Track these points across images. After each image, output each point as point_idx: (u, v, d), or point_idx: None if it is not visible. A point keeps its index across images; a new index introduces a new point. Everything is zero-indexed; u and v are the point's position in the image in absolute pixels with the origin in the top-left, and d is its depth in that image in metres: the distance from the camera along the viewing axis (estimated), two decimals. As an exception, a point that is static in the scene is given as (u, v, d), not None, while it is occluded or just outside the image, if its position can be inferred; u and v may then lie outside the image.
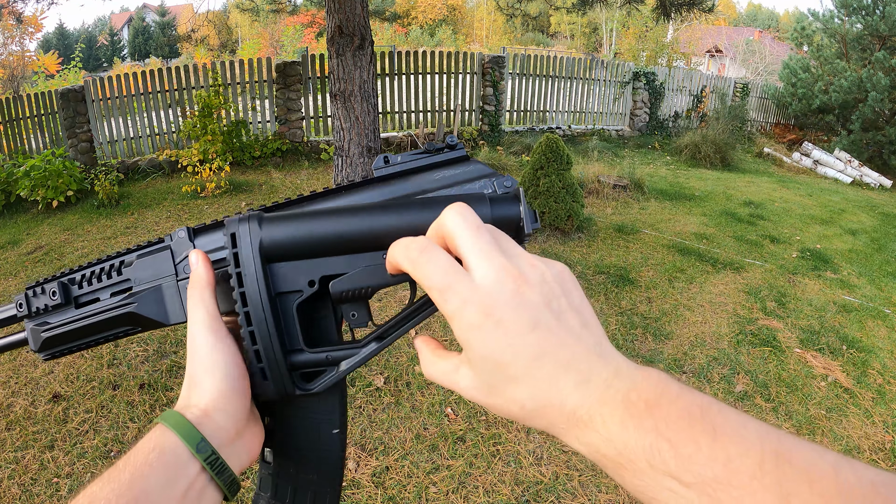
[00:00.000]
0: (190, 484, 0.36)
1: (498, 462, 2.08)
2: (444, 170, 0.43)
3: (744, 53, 22.81)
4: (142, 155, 6.94)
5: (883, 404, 2.66)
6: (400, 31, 36.02)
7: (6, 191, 5.69)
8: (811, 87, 10.63)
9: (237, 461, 0.40)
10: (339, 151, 3.98)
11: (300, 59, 7.15)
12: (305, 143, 7.22)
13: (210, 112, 6.01)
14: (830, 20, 10.47)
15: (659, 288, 3.72)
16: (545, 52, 12.45)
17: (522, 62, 8.50)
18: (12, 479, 2.04)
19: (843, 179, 9.15)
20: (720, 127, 9.05)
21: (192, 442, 0.37)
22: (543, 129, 8.78)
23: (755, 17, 50.72)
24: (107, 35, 41.32)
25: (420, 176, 0.43)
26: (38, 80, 12.38)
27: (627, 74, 9.69)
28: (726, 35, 27.26)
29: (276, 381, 0.42)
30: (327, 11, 3.74)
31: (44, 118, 6.84)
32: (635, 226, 5.01)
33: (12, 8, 7.32)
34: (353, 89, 3.81)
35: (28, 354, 2.86)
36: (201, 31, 8.19)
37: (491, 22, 41.97)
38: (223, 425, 0.39)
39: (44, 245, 4.53)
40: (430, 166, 0.43)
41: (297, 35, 25.28)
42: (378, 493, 1.92)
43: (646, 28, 16.17)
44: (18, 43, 13.34)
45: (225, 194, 5.56)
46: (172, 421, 0.38)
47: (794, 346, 3.13)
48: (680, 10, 6.23)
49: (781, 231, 5.36)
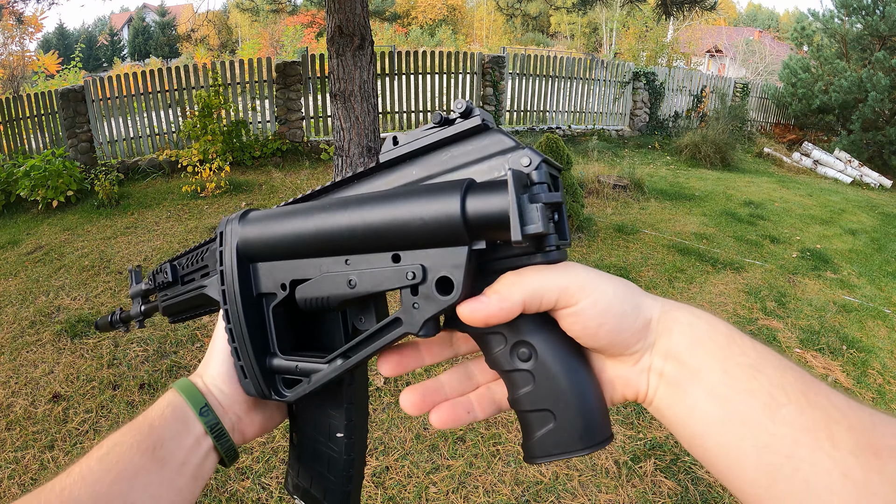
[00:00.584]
0: (196, 440, 0.41)
1: (498, 462, 2.08)
2: (457, 145, 0.35)
3: (744, 53, 22.81)
4: (142, 155, 6.94)
5: (883, 404, 2.66)
6: (400, 31, 36.03)
7: (6, 191, 5.69)
8: (811, 87, 10.62)
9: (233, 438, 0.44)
10: (339, 151, 3.98)
11: (300, 59, 7.14)
12: (305, 143, 7.22)
13: (210, 112, 6.01)
14: (830, 20, 10.46)
15: (659, 288, 3.72)
16: (545, 52, 12.45)
17: (522, 62, 8.50)
18: (12, 479, 2.04)
19: (843, 179, 9.15)
20: (720, 127, 9.05)
21: (196, 406, 0.42)
22: (543, 129, 8.79)
23: (755, 17, 50.71)
24: (107, 35, 41.32)
25: (427, 157, 0.36)
26: (38, 80, 12.39)
27: (627, 74, 9.69)
28: (726, 35, 27.26)
29: (252, 381, 0.43)
30: (327, 11, 3.74)
31: (44, 118, 6.84)
32: (635, 226, 5.01)
33: (12, 8, 7.32)
34: (353, 89, 3.82)
35: (28, 354, 2.86)
36: (201, 31, 8.18)
37: (491, 22, 41.97)
38: (222, 402, 0.44)
39: (44, 245, 4.53)
40: (440, 143, 0.36)
41: (297, 35, 25.28)
42: (378, 493, 1.92)
43: (646, 28, 16.15)
44: (18, 43, 13.35)
45: (225, 194, 5.56)
46: (182, 385, 0.44)
47: (794, 346, 3.13)
48: (681, 9, 6.22)
49: (781, 231, 5.36)
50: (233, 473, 1.99)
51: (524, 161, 0.31)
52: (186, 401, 0.42)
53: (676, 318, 0.33)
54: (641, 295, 0.34)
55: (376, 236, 0.35)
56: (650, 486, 1.98)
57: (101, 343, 2.94)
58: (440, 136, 0.35)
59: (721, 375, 0.30)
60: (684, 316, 0.33)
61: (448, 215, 0.31)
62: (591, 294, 0.32)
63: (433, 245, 0.33)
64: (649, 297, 0.34)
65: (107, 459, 0.37)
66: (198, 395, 0.43)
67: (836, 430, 0.26)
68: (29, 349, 2.91)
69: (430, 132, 0.36)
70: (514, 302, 0.32)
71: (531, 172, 0.31)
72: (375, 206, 0.35)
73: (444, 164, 0.35)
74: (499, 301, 0.32)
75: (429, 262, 0.33)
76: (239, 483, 1.95)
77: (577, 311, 0.32)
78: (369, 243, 0.35)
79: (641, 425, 2.30)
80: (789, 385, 0.28)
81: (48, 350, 2.89)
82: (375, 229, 0.34)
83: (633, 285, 0.35)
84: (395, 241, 0.34)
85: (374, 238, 0.35)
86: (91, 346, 2.91)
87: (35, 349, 2.91)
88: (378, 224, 0.34)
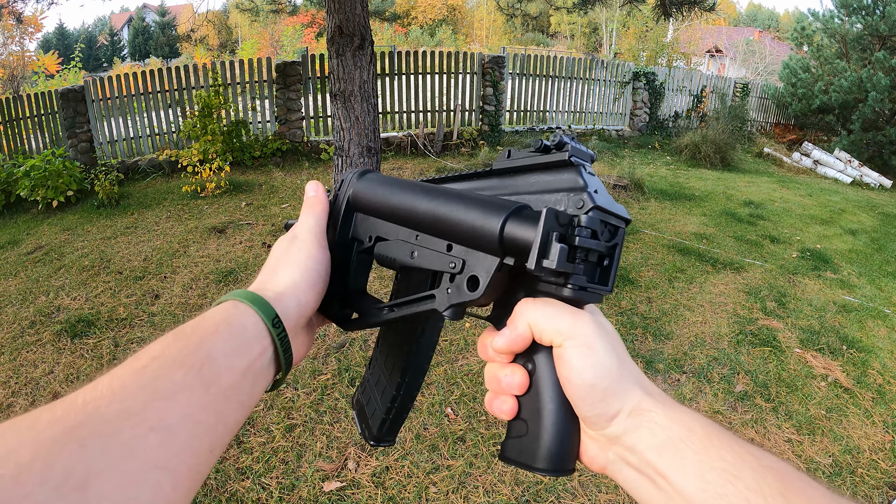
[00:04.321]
0: (253, 361, 0.36)
1: (498, 462, 2.08)
2: (544, 173, 0.39)
3: (744, 53, 22.81)
4: (142, 155, 6.94)
5: (883, 404, 2.66)
6: (400, 31, 36.02)
7: (6, 191, 5.69)
8: (811, 87, 10.62)
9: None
10: (339, 151, 3.98)
11: (300, 59, 7.14)
12: (305, 143, 7.21)
13: (210, 112, 6.01)
14: (830, 20, 10.46)
15: (659, 288, 3.72)
16: (545, 52, 12.45)
17: (522, 62, 8.49)
18: (12, 479, 2.04)
19: (843, 179, 9.15)
20: (720, 127, 9.04)
21: (268, 316, 0.38)
22: (543, 129, 8.79)
23: (755, 17, 50.70)
24: (107, 35, 41.31)
25: (522, 177, 0.41)
26: (38, 80, 12.38)
27: (627, 74, 9.68)
28: (726, 35, 27.26)
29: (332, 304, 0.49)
30: (327, 11, 3.74)
31: (44, 118, 6.84)
32: (635, 226, 5.01)
33: (12, 8, 7.32)
34: (353, 89, 3.81)
35: (28, 354, 2.86)
36: (201, 31, 8.18)
37: (491, 22, 41.96)
38: (291, 312, 0.41)
39: (44, 245, 4.53)
40: (531, 167, 0.40)
41: (297, 35, 25.27)
42: (378, 493, 1.92)
43: (646, 28, 16.15)
44: (18, 43, 13.35)
45: (225, 194, 5.56)
46: (249, 297, 0.39)
47: (794, 346, 3.13)
48: (681, 9, 6.22)
49: (781, 231, 5.36)
50: (233, 473, 1.99)
51: (579, 203, 0.35)
52: (258, 312, 0.38)
53: (651, 418, 0.33)
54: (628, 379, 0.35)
55: (439, 224, 0.41)
56: (650, 486, 1.98)
57: (101, 343, 2.94)
58: (532, 161, 0.40)
59: (696, 481, 0.30)
60: (660, 417, 0.33)
61: (490, 229, 0.36)
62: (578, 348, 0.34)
63: (476, 247, 0.38)
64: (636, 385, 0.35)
65: (144, 374, 0.31)
66: (269, 306, 0.39)
67: None
68: (29, 349, 2.91)
69: (531, 155, 0.40)
70: (522, 331, 0.36)
71: (580, 216, 0.34)
72: (448, 202, 0.41)
73: (530, 185, 0.40)
74: (511, 332, 0.37)
75: (470, 260, 0.39)
76: (239, 483, 1.95)
77: (559, 354, 0.35)
78: (434, 228, 0.42)
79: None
80: (768, 487, 0.29)
81: (48, 350, 2.89)
82: (440, 218, 0.41)
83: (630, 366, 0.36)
84: (450, 234, 0.40)
85: (437, 225, 0.41)
86: (91, 346, 2.91)
87: (35, 349, 2.91)
88: (443, 216, 0.41)
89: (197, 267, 3.85)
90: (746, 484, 0.29)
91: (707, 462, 0.30)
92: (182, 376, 0.31)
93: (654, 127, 10.11)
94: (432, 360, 2.76)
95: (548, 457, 0.35)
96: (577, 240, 0.33)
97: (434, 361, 2.71)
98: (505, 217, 0.35)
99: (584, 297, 0.35)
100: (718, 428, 0.32)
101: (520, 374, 0.37)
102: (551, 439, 0.35)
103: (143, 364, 0.32)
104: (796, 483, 0.29)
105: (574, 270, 0.34)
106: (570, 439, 0.36)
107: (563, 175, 0.37)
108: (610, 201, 0.36)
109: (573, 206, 0.35)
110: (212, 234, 4.50)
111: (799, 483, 0.29)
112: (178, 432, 0.29)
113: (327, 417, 2.31)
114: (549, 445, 0.35)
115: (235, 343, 0.36)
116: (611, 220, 0.36)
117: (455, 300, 0.39)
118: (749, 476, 0.29)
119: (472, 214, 0.38)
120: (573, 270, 0.34)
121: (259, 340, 0.37)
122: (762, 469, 0.30)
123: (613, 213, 0.36)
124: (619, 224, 0.36)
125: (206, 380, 0.32)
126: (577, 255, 0.34)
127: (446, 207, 0.40)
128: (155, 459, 0.28)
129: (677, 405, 0.34)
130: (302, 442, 2.17)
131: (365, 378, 0.55)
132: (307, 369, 2.62)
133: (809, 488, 0.29)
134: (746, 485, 0.29)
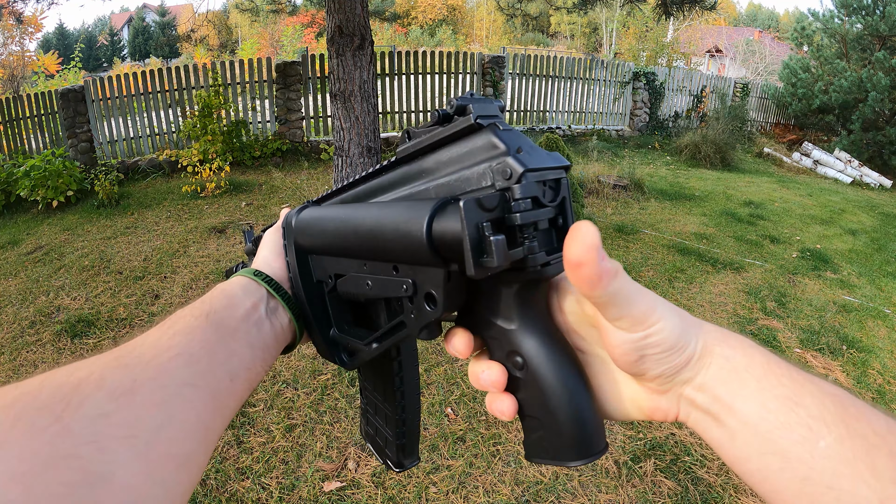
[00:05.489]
0: (248, 310, 0.43)
1: (498, 462, 2.08)
2: (453, 146, 0.34)
3: (744, 53, 22.82)
4: (142, 155, 6.94)
5: (883, 404, 2.66)
6: (400, 31, 36.03)
7: (6, 191, 5.69)
8: (811, 87, 10.62)
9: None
10: (339, 151, 3.98)
11: (300, 59, 7.14)
12: (305, 143, 7.21)
13: (210, 112, 6.01)
14: (830, 20, 10.46)
15: (659, 288, 3.72)
16: (545, 52, 12.45)
17: (522, 62, 8.49)
18: (12, 479, 2.04)
19: (843, 179, 9.15)
20: (720, 127, 9.04)
21: (248, 273, 0.47)
22: (543, 129, 8.79)
23: (755, 17, 50.72)
24: (107, 35, 41.32)
25: (431, 156, 0.36)
26: (38, 80, 12.38)
27: (627, 74, 9.68)
28: (726, 35, 27.26)
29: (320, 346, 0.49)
30: (327, 11, 3.74)
31: (44, 118, 6.84)
32: (635, 226, 5.01)
33: (12, 8, 7.32)
34: (353, 89, 3.81)
35: (28, 354, 2.86)
36: (201, 31, 8.18)
37: (491, 22, 41.97)
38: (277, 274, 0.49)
39: (44, 245, 4.53)
40: (440, 142, 0.34)
41: (297, 35, 25.28)
42: (378, 493, 1.92)
43: (646, 28, 16.16)
44: (18, 43, 13.35)
45: (225, 194, 5.56)
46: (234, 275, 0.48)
47: (794, 347, 3.13)
48: (681, 9, 6.22)
49: (781, 231, 5.36)
50: (233, 473, 1.99)
51: (506, 173, 0.29)
52: (244, 274, 0.46)
53: (715, 352, 0.32)
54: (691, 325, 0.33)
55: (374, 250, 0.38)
56: (650, 486, 1.98)
57: (101, 343, 2.94)
58: (435, 137, 0.34)
59: (758, 409, 0.29)
60: (722, 349, 0.32)
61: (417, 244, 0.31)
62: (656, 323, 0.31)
63: (416, 263, 0.34)
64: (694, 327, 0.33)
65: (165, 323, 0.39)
66: (250, 269, 0.47)
67: (877, 457, 0.26)
68: (29, 349, 2.91)
69: (432, 129, 0.35)
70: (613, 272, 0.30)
71: (511, 187, 0.29)
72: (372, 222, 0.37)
73: (443, 165, 0.34)
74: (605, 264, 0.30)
75: (418, 277, 0.35)
76: (239, 483, 1.95)
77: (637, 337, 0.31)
78: (372, 254, 0.38)
79: (641, 425, 2.30)
80: (828, 414, 0.28)
81: (48, 350, 2.89)
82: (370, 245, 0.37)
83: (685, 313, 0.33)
84: (388, 256, 0.36)
85: (373, 252, 0.38)
86: (91, 346, 2.91)
87: (35, 349, 2.91)
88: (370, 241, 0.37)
89: (197, 267, 3.85)
90: (808, 411, 0.28)
91: (769, 389, 0.30)
92: (194, 319, 0.39)
93: (654, 127, 10.11)
94: (432, 361, 2.77)
95: (574, 447, 0.33)
96: (517, 217, 0.28)
97: (434, 361, 2.71)
98: (427, 224, 0.30)
99: (551, 271, 0.31)
100: (776, 356, 0.32)
101: (496, 369, 0.35)
102: (571, 428, 0.33)
103: (161, 321, 0.40)
104: (856, 409, 0.29)
105: (526, 252, 0.29)
106: (590, 420, 0.33)
107: (475, 142, 0.31)
108: (540, 154, 0.30)
109: (500, 178, 0.29)
110: (212, 234, 4.50)
111: (859, 409, 0.29)
112: (199, 358, 0.36)
113: (327, 417, 2.31)
114: (571, 435, 0.32)
115: (228, 300, 0.43)
116: (548, 175, 0.30)
117: (422, 322, 0.35)
118: (810, 402, 0.29)
119: (394, 231, 0.33)
120: (525, 253, 0.29)
121: (249, 295, 0.44)
122: (823, 395, 0.29)
123: (548, 166, 0.30)
124: (560, 175, 0.31)
125: (214, 322, 0.40)
126: (525, 233, 0.29)
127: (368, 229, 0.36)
128: (183, 378, 0.34)
129: (733, 333, 0.33)
130: (302, 442, 2.17)
131: (363, 408, 0.54)
132: (307, 369, 2.62)
133: (870, 414, 0.28)
134: (808, 412, 0.28)
